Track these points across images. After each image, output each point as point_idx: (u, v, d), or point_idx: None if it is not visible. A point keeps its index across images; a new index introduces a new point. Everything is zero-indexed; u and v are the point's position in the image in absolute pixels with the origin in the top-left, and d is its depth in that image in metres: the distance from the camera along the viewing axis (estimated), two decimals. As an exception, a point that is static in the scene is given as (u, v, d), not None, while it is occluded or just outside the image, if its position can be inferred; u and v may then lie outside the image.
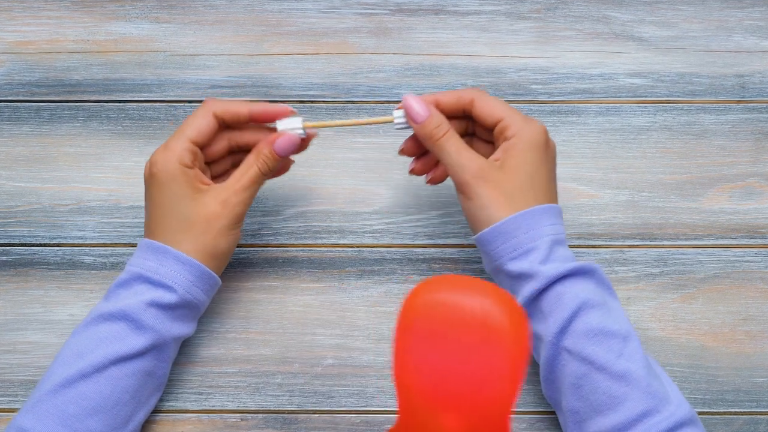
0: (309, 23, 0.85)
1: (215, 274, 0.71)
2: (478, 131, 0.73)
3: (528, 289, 0.66)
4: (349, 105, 0.83)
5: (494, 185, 0.67)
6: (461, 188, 0.69)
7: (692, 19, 0.85)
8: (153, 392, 0.70)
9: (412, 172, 0.74)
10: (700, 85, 0.83)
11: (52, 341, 0.76)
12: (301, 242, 0.79)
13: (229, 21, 0.85)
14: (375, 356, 0.76)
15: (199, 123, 0.70)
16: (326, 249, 0.79)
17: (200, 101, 0.83)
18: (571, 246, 0.78)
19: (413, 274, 0.78)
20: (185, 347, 0.75)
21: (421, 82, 0.83)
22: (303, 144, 0.72)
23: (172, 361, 0.72)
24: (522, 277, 0.67)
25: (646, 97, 0.83)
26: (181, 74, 0.84)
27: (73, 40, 0.85)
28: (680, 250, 0.79)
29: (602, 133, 0.82)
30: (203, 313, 0.74)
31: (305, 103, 0.83)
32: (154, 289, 0.68)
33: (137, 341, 0.67)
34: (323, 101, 0.83)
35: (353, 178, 0.80)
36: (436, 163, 0.73)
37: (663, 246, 0.79)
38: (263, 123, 0.72)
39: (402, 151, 0.73)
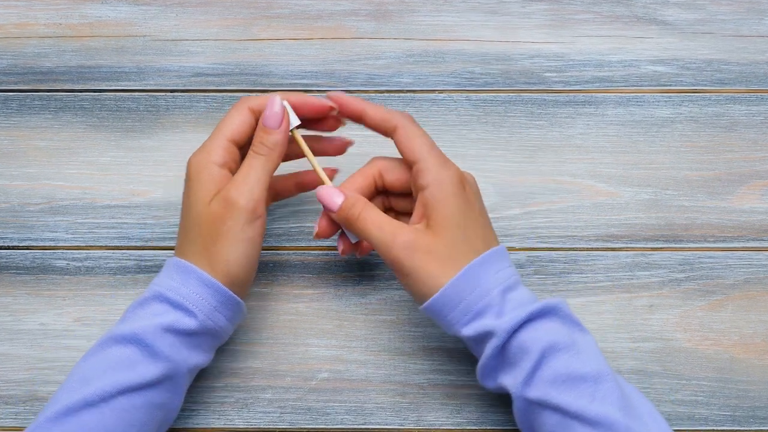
0: (302, 5, 0.85)
1: (240, 299, 0.69)
2: (393, 201, 0.74)
3: (489, 347, 0.66)
4: (346, 95, 0.82)
5: (426, 253, 0.67)
6: (393, 266, 0.68)
7: (721, 1, 0.85)
8: (161, 426, 0.69)
9: (343, 253, 0.73)
10: (730, 73, 0.83)
11: (21, 352, 0.76)
12: (293, 245, 0.79)
13: (215, 3, 0.85)
14: (374, 369, 0.76)
15: (236, 120, 0.69)
16: (321, 252, 0.78)
17: (184, 90, 0.82)
18: (589, 249, 0.78)
19: (416, 279, 0.77)
20: (167, 359, 0.75)
21: (425, 69, 0.83)
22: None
23: (185, 393, 0.70)
24: (481, 338, 0.67)
25: (670, 86, 0.83)
26: (162, 61, 0.83)
27: (44, 23, 0.84)
28: (708, 253, 0.78)
29: (622, 126, 0.82)
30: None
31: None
32: (173, 311, 0.67)
33: (149, 370, 0.66)
34: (318, 90, 0.82)
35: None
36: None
37: (689, 249, 0.79)
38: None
39: (317, 235, 0.72)
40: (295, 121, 0.70)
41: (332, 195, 0.70)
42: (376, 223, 0.68)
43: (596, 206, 0.79)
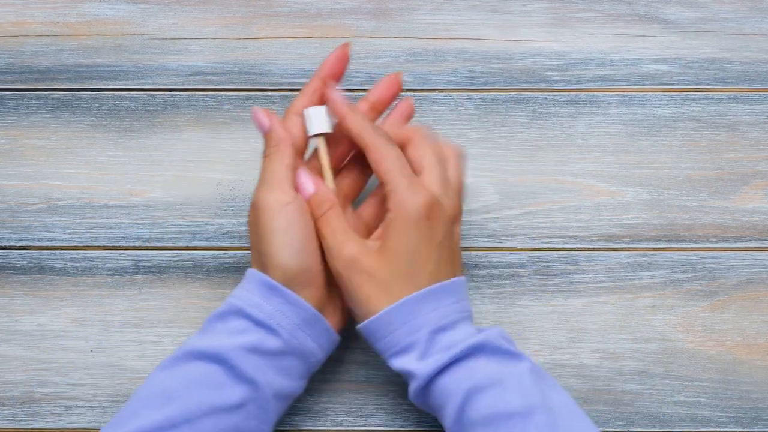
0: (301, 4, 0.85)
1: (321, 316, 0.67)
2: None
3: (412, 388, 0.66)
4: (346, 93, 0.82)
5: (367, 276, 0.66)
6: (335, 278, 0.68)
7: (723, 0, 0.85)
8: None
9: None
10: (732, 71, 0.83)
11: (18, 354, 0.76)
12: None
13: (214, 1, 0.85)
14: (374, 370, 0.75)
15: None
16: (320, 252, 0.78)
17: (182, 90, 0.82)
18: (591, 249, 0.78)
19: (416, 279, 0.77)
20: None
21: (425, 68, 0.83)
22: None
23: (274, 424, 0.68)
24: (405, 375, 0.67)
25: (672, 85, 0.83)
26: (160, 60, 0.83)
27: (41, 22, 0.84)
28: (710, 253, 0.78)
29: (624, 125, 0.82)
30: (196, 325, 0.73)
31: (297, 92, 0.82)
32: (255, 329, 0.66)
33: (233, 392, 0.64)
34: (317, 89, 0.82)
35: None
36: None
37: (691, 249, 0.78)
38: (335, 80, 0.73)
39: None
40: (322, 127, 0.71)
41: (306, 183, 0.69)
42: (333, 227, 0.68)
43: (598, 206, 0.79)
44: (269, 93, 0.82)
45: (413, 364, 0.65)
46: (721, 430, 0.75)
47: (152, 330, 0.77)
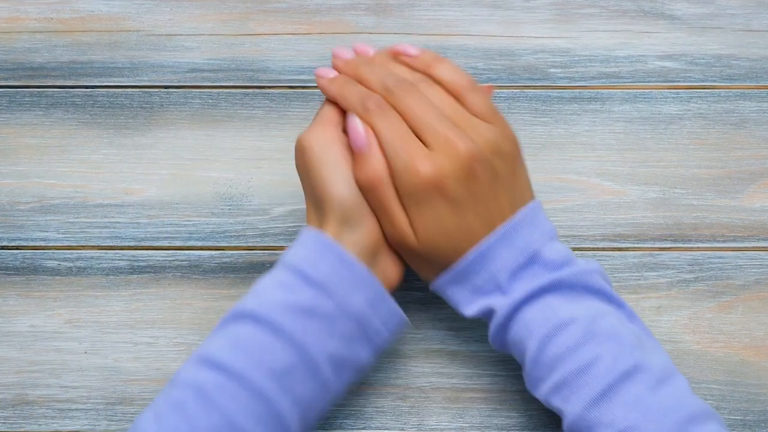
0: (300, -1, 0.85)
1: (379, 283, 0.65)
2: None
3: (492, 326, 0.67)
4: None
5: (410, 257, 0.68)
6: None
7: (730, -5, 0.85)
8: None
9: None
10: (739, 68, 0.83)
11: (11, 355, 0.75)
12: (290, 245, 0.78)
13: (211, -3, 0.85)
14: (374, 372, 0.75)
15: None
16: (319, 252, 0.78)
17: (178, 87, 0.82)
18: (595, 249, 0.77)
19: (416, 280, 0.77)
20: (158, 362, 0.75)
21: (426, 65, 0.83)
22: None
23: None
24: (484, 315, 0.68)
25: (678, 82, 0.82)
26: (156, 56, 0.83)
27: (35, 18, 0.84)
28: (717, 253, 0.78)
29: (629, 123, 0.81)
30: (192, 326, 0.73)
31: (296, 89, 0.82)
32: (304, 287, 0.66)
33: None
34: (316, 87, 0.82)
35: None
36: None
37: (698, 249, 0.78)
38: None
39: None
40: None
41: (359, 134, 0.66)
42: (388, 199, 0.65)
43: (602, 205, 0.79)
44: (267, 90, 0.82)
45: (493, 300, 0.66)
46: (729, 433, 0.74)
47: (147, 331, 0.76)
